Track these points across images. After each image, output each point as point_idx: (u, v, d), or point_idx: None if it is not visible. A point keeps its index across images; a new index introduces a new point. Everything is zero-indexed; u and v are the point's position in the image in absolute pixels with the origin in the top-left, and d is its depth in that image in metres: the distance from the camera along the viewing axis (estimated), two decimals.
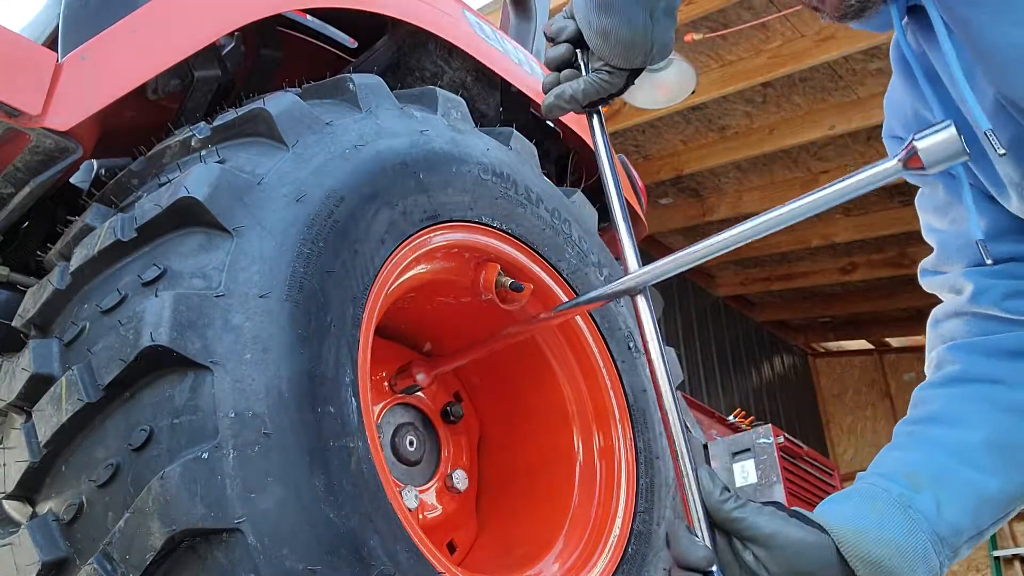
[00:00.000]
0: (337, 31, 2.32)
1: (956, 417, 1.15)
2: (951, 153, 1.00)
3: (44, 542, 1.06)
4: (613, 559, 1.64)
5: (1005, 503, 1.11)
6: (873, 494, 1.11)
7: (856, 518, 1.08)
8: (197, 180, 1.24)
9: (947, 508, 1.08)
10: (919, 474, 1.10)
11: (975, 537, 1.11)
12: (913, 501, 1.08)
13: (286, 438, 1.11)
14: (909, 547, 1.05)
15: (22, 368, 1.20)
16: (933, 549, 1.06)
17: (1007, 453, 1.11)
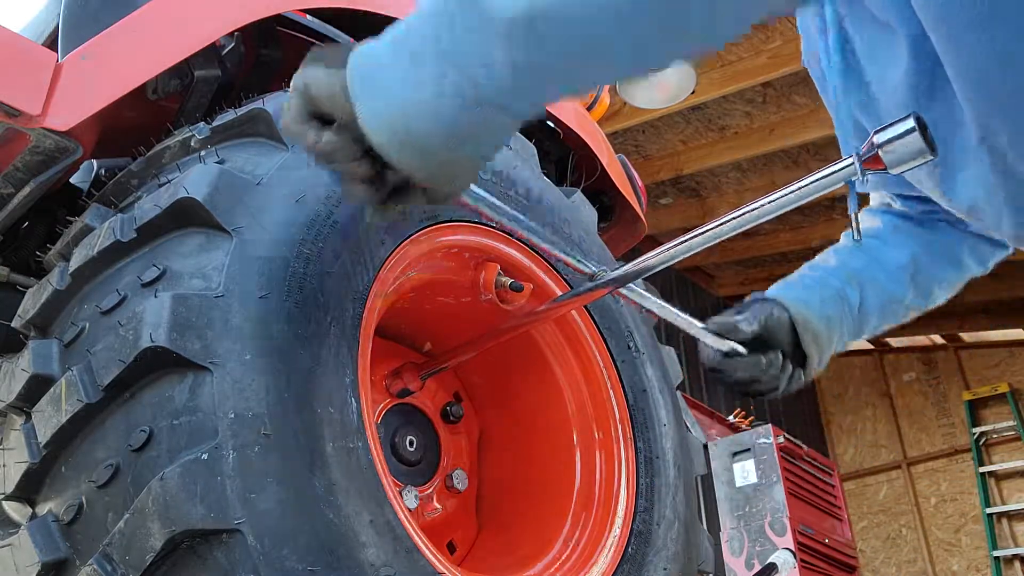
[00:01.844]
0: (337, 31, 2.31)
1: (890, 240, 1.51)
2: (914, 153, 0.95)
3: (44, 543, 1.06)
4: (613, 559, 1.64)
5: (904, 312, 1.51)
6: (823, 283, 1.48)
7: (807, 302, 1.45)
8: (197, 180, 1.24)
9: (867, 305, 1.48)
10: (855, 277, 1.48)
11: (876, 329, 1.52)
12: (847, 294, 1.47)
13: (286, 439, 1.11)
14: (835, 326, 1.45)
15: (22, 369, 1.20)
16: (847, 330, 1.47)
17: (919, 278, 1.49)
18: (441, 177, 0.86)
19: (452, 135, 0.80)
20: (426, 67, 0.77)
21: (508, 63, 0.75)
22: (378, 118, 0.81)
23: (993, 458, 8.20)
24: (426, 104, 0.78)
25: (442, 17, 0.77)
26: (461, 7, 0.75)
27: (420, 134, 0.80)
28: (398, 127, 0.80)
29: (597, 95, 2.68)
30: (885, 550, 8.57)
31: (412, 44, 0.79)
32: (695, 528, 1.85)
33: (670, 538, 1.73)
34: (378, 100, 0.80)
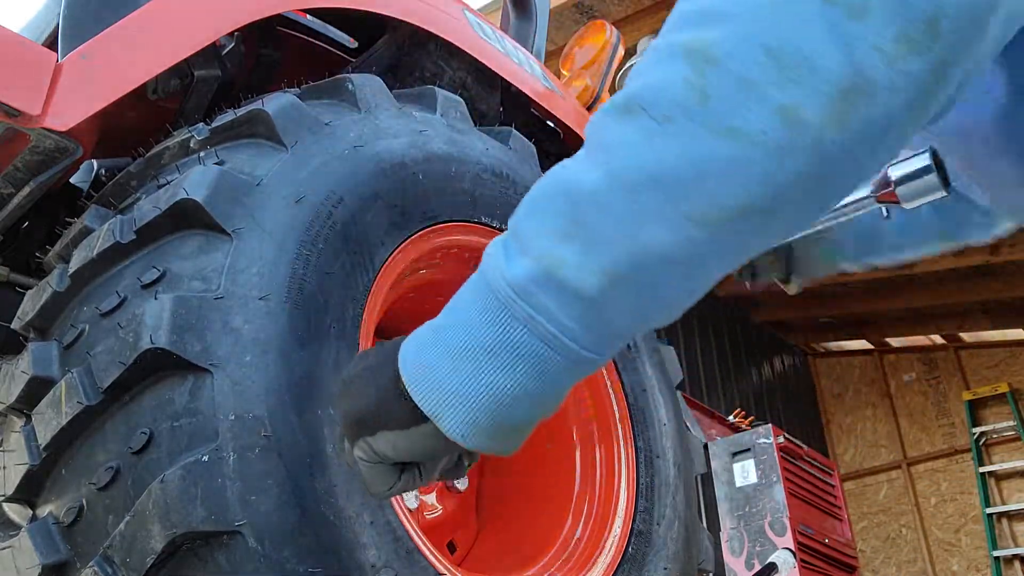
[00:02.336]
0: (337, 31, 2.31)
1: None
2: (929, 189, 0.94)
3: (44, 545, 1.06)
4: (614, 558, 1.64)
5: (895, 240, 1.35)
6: None
7: None
8: (196, 182, 1.24)
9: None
10: None
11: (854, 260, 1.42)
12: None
13: (286, 440, 1.11)
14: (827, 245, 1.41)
15: (22, 371, 1.20)
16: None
17: None
18: (511, 446, 0.79)
19: (546, 400, 0.74)
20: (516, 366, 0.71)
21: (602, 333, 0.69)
22: (478, 431, 0.73)
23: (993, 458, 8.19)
24: (526, 397, 0.72)
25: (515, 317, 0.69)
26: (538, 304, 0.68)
27: (517, 422, 0.74)
28: (497, 423, 0.73)
29: (597, 95, 2.68)
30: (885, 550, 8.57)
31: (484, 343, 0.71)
32: (695, 527, 1.85)
33: (670, 537, 1.73)
34: (473, 414, 0.72)
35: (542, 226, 0.68)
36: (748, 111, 0.59)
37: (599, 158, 0.66)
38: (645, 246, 0.64)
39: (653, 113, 0.62)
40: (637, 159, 0.63)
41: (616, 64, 2.76)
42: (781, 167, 0.59)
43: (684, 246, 0.63)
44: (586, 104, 2.60)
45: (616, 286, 0.66)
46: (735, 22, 0.60)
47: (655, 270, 0.65)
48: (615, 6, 5.26)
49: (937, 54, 0.57)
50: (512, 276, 0.69)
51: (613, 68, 2.73)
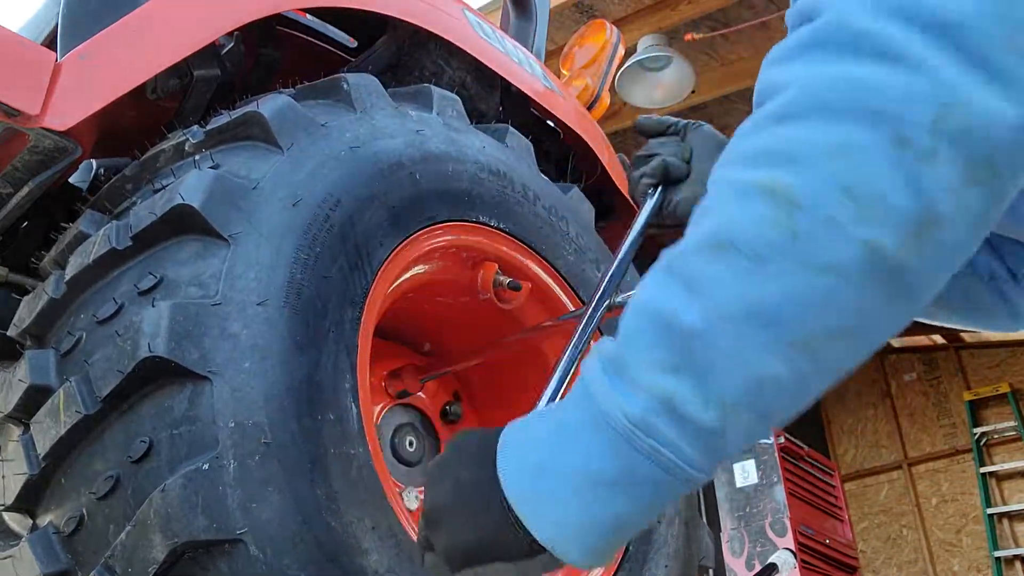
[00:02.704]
0: (337, 31, 2.31)
1: None
2: None
3: (45, 555, 1.06)
4: (614, 558, 1.64)
5: None
6: None
7: None
8: (192, 187, 1.23)
9: None
10: None
11: None
12: None
13: (286, 447, 1.11)
14: None
15: (19, 379, 1.19)
16: None
17: None
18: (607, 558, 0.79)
19: (653, 516, 0.79)
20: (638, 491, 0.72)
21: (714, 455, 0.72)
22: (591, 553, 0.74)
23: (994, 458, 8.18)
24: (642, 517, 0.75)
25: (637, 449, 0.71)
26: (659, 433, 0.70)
27: (628, 536, 0.77)
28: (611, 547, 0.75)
29: (597, 94, 2.67)
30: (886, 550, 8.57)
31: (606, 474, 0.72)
32: (696, 524, 1.85)
33: (671, 535, 1.73)
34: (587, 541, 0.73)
35: (649, 357, 0.71)
36: (837, 247, 0.64)
37: (694, 294, 0.70)
38: (755, 376, 0.68)
39: (748, 252, 0.67)
40: (737, 297, 0.67)
41: (616, 64, 2.76)
42: (869, 294, 0.66)
43: (789, 371, 0.68)
44: (586, 104, 2.59)
45: (733, 414, 0.69)
46: (812, 165, 0.65)
47: (767, 396, 0.69)
48: (615, 6, 5.24)
49: (995, 186, 0.64)
50: (630, 411, 0.71)
51: (613, 68, 2.73)
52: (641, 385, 0.71)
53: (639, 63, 5.07)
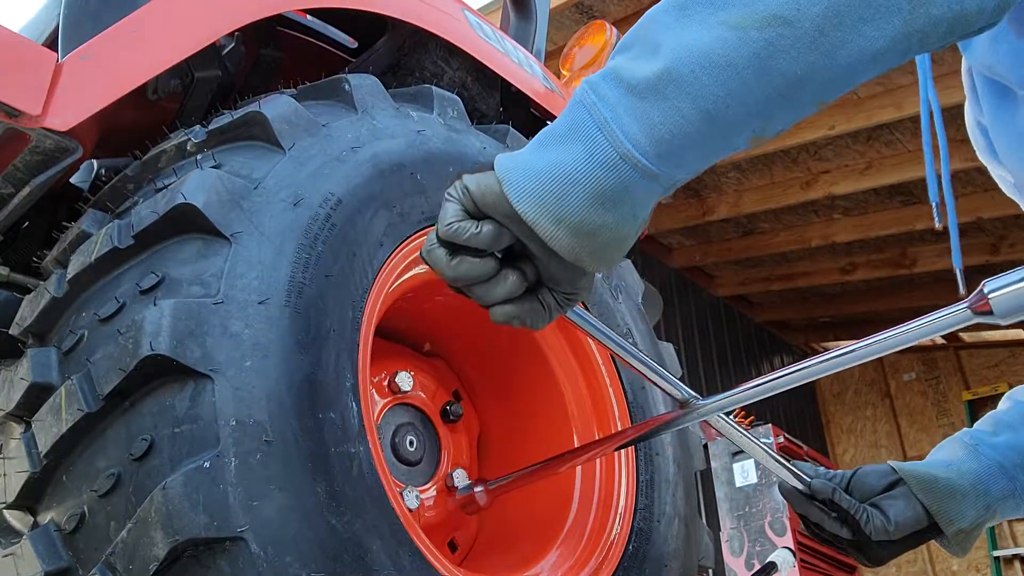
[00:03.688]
0: (337, 31, 2.31)
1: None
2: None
3: (46, 552, 1.06)
4: (614, 557, 1.64)
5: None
6: (950, 442, 1.34)
7: (929, 460, 1.31)
8: (194, 186, 1.23)
9: (1018, 440, 1.28)
10: (1002, 422, 1.31)
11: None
12: (981, 439, 1.30)
13: (288, 445, 1.11)
14: (970, 470, 1.26)
15: (21, 377, 1.19)
16: (999, 469, 1.26)
17: None
18: (589, 251, 0.87)
19: (603, 203, 0.83)
20: (574, 145, 0.83)
21: (647, 130, 0.80)
22: (530, 196, 0.84)
23: None
24: (577, 175, 0.83)
25: (583, 104, 0.83)
26: (601, 92, 0.83)
27: (573, 204, 0.83)
28: (550, 202, 0.83)
29: None
30: None
31: (558, 131, 0.85)
32: (695, 524, 1.86)
33: (671, 534, 1.74)
34: (529, 181, 0.84)
35: (618, 47, 0.85)
36: None
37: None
38: (685, 45, 0.77)
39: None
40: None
41: None
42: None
43: (718, 47, 0.76)
44: None
45: (660, 79, 0.78)
46: None
47: (693, 67, 0.77)
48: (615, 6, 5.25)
49: None
50: (591, 79, 0.84)
51: None
52: (607, 64, 0.85)
53: None
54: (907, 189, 6.65)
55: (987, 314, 0.96)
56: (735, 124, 0.80)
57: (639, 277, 2.16)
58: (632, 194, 0.83)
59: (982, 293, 0.96)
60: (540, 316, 0.94)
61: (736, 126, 0.80)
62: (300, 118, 1.42)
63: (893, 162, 6.24)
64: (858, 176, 6.54)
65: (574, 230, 0.84)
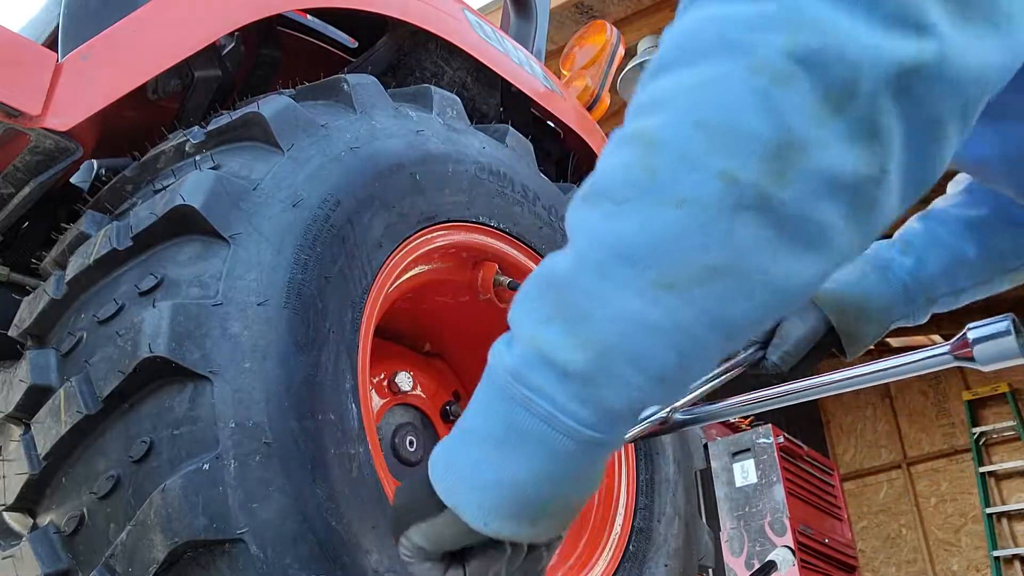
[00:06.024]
0: (337, 31, 2.31)
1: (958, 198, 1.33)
2: (1006, 354, 0.94)
3: (45, 554, 1.06)
4: (615, 557, 1.65)
5: (982, 268, 1.30)
6: (864, 257, 1.32)
7: (838, 277, 1.29)
8: (192, 187, 1.23)
9: (924, 264, 1.30)
10: (912, 244, 1.32)
11: (952, 292, 1.32)
12: (892, 261, 1.31)
13: (287, 447, 1.11)
14: (879, 294, 1.29)
15: (20, 379, 1.19)
16: (904, 292, 1.30)
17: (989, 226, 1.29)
18: (561, 528, 0.80)
19: (572, 486, 0.76)
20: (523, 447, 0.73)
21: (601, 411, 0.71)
22: (502, 518, 0.75)
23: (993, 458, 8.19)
24: (543, 478, 0.74)
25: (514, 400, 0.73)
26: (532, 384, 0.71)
27: (543, 502, 0.75)
28: (525, 512, 0.75)
29: (597, 95, 2.67)
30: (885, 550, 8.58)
31: (492, 434, 0.74)
32: (695, 523, 1.86)
33: (671, 534, 1.74)
34: (493, 503, 0.74)
35: (528, 313, 0.73)
36: (691, 180, 0.63)
37: (570, 245, 0.71)
38: (621, 316, 0.67)
39: (613, 196, 0.67)
40: (600, 238, 0.68)
41: (616, 64, 2.76)
42: (733, 226, 0.63)
43: (659, 312, 0.66)
44: (586, 104, 2.59)
45: (602, 359, 0.68)
46: (672, 106, 0.65)
47: (637, 339, 0.67)
48: (615, 6, 5.24)
49: (860, 113, 0.61)
50: (509, 363, 0.73)
51: (613, 68, 2.73)
52: (521, 339, 0.73)
53: (640, 65, 5.07)
54: None
55: (968, 360, 0.96)
56: (696, 373, 0.72)
57: None
58: (596, 467, 0.76)
59: (965, 339, 0.97)
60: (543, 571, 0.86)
61: (697, 373, 0.72)
62: (299, 118, 1.42)
63: None
64: None
65: (550, 522, 0.77)
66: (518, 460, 0.73)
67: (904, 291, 1.30)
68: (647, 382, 0.69)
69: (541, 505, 0.75)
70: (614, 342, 0.68)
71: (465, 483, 0.75)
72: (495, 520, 0.74)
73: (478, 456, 0.74)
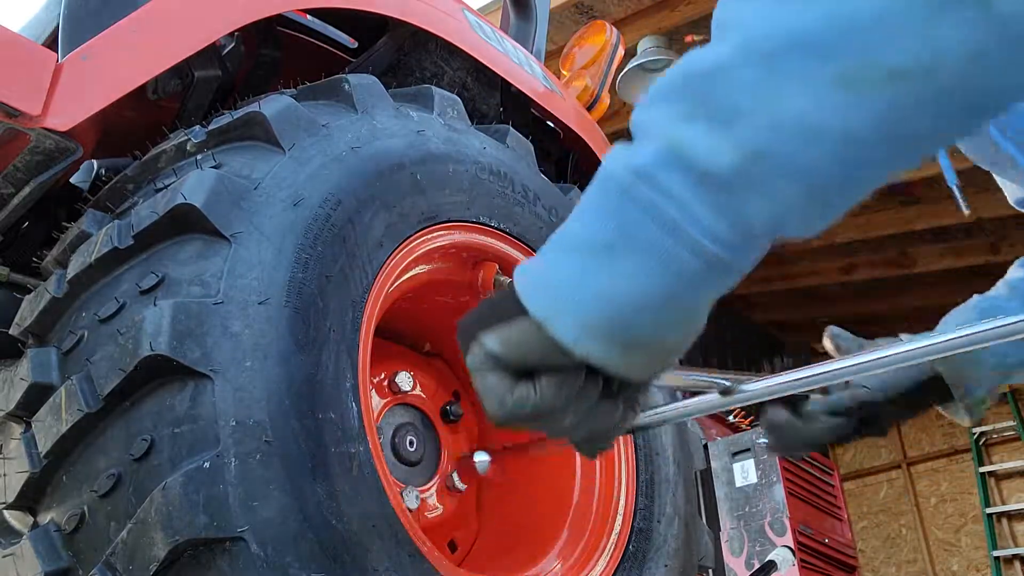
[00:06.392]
0: (337, 31, 2.31)
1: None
2: None
3: (46, 552, 1.06)
4: (614, 557, 1.65)
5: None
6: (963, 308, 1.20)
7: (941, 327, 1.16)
8: (194, 186, 1.24)
9: None
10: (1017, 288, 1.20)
11: None
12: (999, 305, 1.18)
13: (287, 445, 1.11)
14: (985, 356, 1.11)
15: (21, 377, 1.19)
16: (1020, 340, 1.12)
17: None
18: (659, 367, 0.71)
19: (684, 317, 0.67)
20: (636, 258, 0.63)
21: (739, 226, 0.61)
22: (594, 336, 0.66)
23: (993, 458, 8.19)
24: (653, 297, 0.64)
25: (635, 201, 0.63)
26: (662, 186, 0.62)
27: (648, 329, 0.66)
28: (620, 334, 0.65)
29: (597, 95, 2.68)
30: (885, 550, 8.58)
31: (602, 237, 0.65)
32: (695, 524, 1.86)
33: (671, 534, 1.74)
34: (588, 315, 0.65)
35: (664, 110, 0.62)
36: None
37: (727, 35, 0.61)
38: (785, 116, 0.57)
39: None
40: (774, 25, 0.58)
41: (616, 64, 2.76)
42: (942, 24, 0.53)
43: (831, 113, 0.57)
44: (586, 104, 2.60)
45: (753, 164, 0.59)
46: None
47: (798, 143, 0.58)
48: (615, 6, 5.24)
49: None
50: (635, 161, 0.63)
51: (613, 68, 2.73)
52: (653, 137, 0.62)
53: (640, 66, 5.07)
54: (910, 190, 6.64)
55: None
56: (853, 195, 0.63)
57: None
58: (706, 298, 0.67)
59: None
60: (617, 430, 0.78)
61: (854, 195, 0.63)
62: (300, 118, 1.42)
63: None
64: None
65: (647, 354, 0.68)
66: (626, 273, 0.63)
67: None
68: (798, 196, 0.60)
69: (640, 331, 0.66)
70: (771, 144, 0.58)
71: (559, 293, 0.66)
72: (587, 338, 0.65)
73: (579, 265, 0.65)
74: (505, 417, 0.72)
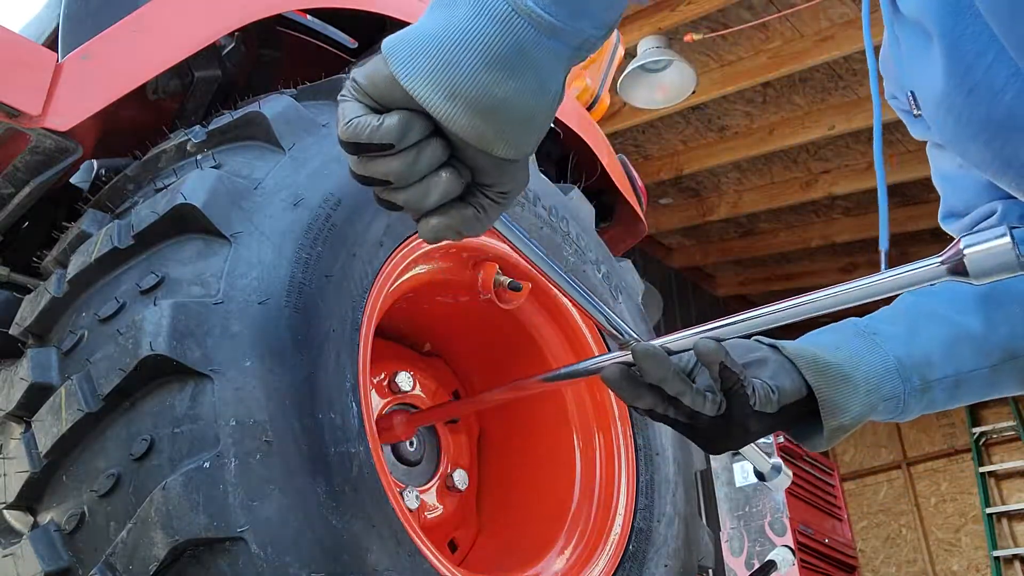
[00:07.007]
0: (337, 31, 2.31)
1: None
2: (1003, 265, 0.85)
3: (46, 552, 1.06)
4: (614, 557, 1.65)
5: (988, 350, 1.10)
6: (837, 327, 1.12)
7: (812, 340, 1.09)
8: (194, 186, 1.24)
9: (919, 337, 1.08)
10: (898, 315, 1.13)
11: (952, 379, 1.09)
12: (879, 329, 1.09)
13: (287, 445, 1.11)
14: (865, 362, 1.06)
15: (20, 377, 1.19)
16: (897, 366, 1.06)
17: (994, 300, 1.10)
18: (495, 131, 0.75)
19: (500, 69, 0.72)
20: (461, 3, 0.73)
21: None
22: (418, 71, 0.72)
23: (993, 458, 8.20)
24: (465, 36, 0.71)
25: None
26: None
27: (464, 72, 0.72)
28: (440, 73, 0.72)
29: (597, 95, 2.67)
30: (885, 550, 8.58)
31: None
32: (695, 524, 1.86)
33: (671, 534, 1.74)
34: (416, 54, 0.73)
35: None
36: None
37: None
38: None
39: None
40: None
41: (616, 64, 2.76)
42: None
43: None
44: (586, 104, 2.60)
45: None
46: None
47: None
48: None
49: None
50: None
51: (613, 68, 2.73)
52: None
53: (641, 67, 5.07)
54: (907, 189, 6.65)
55: (962, 274, 0.88)
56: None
57: (639, 277, 2.16)
58: (533, 57, 0.72)
59: (958, 251, 0.88)
60: (475, 222, 0.83)
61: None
62: (300, 118, 1.42)
63: (893, 162, 6.24)
64: (858, 176, 6.54)
65: (472, 105, 0.72)
66: (450, 15, 0.73)
67: (897, 365, 1.07)
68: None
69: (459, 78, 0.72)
70: None
71: (405, 35, 0.75)
72: (412, 75, 0.73)
73: (426, 15, 0.76)
74: (347, 135, 0.77)
